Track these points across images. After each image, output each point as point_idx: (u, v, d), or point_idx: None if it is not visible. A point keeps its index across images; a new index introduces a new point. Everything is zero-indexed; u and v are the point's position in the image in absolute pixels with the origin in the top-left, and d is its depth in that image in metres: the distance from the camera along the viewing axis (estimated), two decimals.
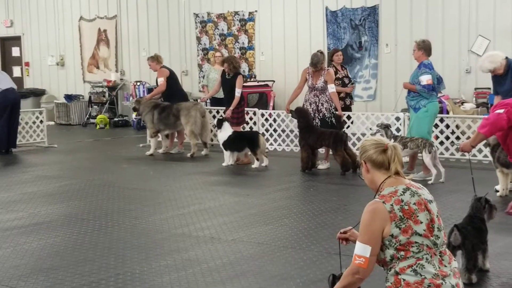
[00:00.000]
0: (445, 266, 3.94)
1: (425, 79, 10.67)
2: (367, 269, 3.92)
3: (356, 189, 10.16)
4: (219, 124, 12.73)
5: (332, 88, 12.07)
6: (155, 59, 14.48)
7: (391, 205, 3.92)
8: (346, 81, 13.10)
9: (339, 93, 12.81)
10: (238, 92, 13.03)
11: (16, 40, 24.13)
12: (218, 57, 16.11)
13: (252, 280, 6.01)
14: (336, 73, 12.80)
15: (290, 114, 12.55)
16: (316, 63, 11.98)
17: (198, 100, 15.45)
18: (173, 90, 14.39)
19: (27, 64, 23.96)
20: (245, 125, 14.12)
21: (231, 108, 13.04)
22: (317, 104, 12.08)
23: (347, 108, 13.26)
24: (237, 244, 7.22)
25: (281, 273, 6.20)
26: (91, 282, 6.02)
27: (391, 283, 3.90)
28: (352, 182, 10.91)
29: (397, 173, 4.09)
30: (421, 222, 3.91)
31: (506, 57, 9.74)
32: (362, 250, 3.92)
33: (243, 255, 6.80)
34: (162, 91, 14.38)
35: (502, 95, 9.38)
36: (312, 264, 6.45)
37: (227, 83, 13.27)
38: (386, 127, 11.15)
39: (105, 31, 21.85)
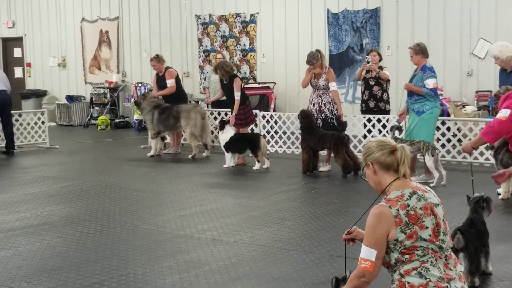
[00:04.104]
0: (451, 269, 3.91)
1: (431, 82, 10.65)
2: (373, 272, 3.89)
3: (358, 192, 10.16)
4: (222, 126, 12.72)
5: (333, 86, 12.06)
6: (159, 60, 14.48)
7: (397, 209, 3.87)
8: (371, 82, 12.72)
9: (369, 82, 12.58)
10: (237, 95, 12.95)
11: (18, 41, 24.12)
12: (220, 59, 15.99)
13: (254, 282, 6.01)
14: (368, 72, 12.69)
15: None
16: (310, 60, 11.98)
17: (204, 102, 15.51)
18: (177, 91, 14.44)
19: (28, 65, 23.96)
20: None
21: (234, 113, 13.01)
22: (320, 104, 12.07)
23: (383, 111, 12.88)
24: (239, 246, 7.22)
25: (283, 275, 6.20)
26: (93, 283, 6.02)
27: (396, 285, 3.88)
28: (353, 184, 10.92)
29: (404, 175, 4.03)
30: (427, 227, 3.88)
31: None
32: (367, 253, 3.89)
33: (245, 257, 6.81)
34: (172, 93, 14.39)
35: None
36: (314, 266, 6.45)
37: (226, 88, 13.23)
38: (397, 128, 11.10)
39: (107, 32, 21.86)
